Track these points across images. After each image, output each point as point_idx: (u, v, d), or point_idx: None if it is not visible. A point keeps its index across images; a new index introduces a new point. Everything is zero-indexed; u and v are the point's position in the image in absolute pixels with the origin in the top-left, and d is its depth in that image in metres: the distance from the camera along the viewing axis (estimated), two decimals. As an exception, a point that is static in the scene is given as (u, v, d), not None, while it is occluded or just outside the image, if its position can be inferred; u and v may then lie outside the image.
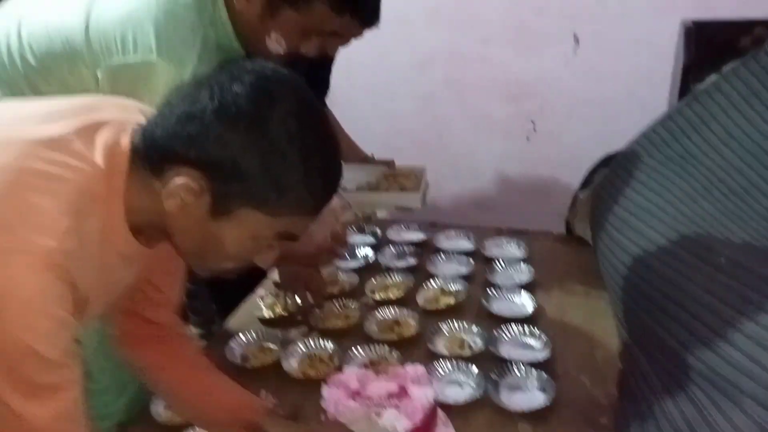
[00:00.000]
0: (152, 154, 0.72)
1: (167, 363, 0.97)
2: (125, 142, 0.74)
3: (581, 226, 1.69)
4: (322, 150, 0.75)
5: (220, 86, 0.70)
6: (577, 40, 1.93)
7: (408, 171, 1.74)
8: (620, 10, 1.86)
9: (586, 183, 1.65)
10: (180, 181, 0.70)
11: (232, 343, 1.35)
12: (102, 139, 0.73)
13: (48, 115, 0.74)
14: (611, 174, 1.52)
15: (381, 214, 1.79)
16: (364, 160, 1.79)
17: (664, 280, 1.12)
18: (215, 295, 1.88)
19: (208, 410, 0.98)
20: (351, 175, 1.68)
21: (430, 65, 2.08)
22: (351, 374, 1.10)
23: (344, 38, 1.24)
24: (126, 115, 0.79)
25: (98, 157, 0.71)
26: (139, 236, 0.77)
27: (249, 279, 1.62)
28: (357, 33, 1.27)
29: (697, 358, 0.95)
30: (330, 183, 0.78)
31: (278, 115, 0.70)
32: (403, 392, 1.05)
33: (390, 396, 1.05)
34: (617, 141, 1.55)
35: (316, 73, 1.66)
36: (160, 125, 0.72)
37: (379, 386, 1.07)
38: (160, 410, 1.18)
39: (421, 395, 1.04)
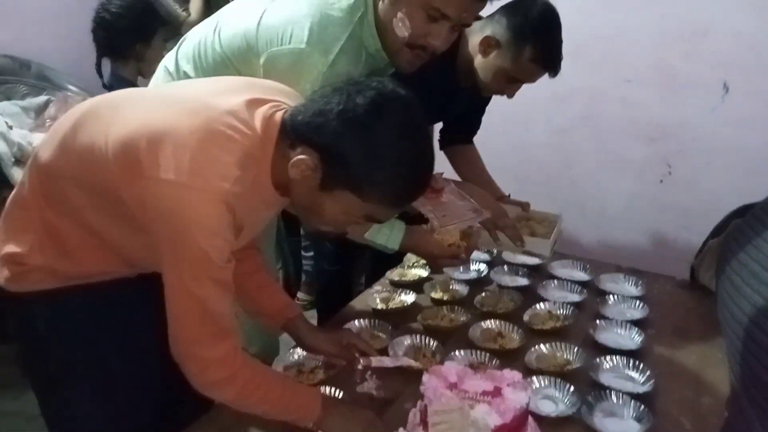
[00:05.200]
0: (292, 133, 0.95)
1: (243, 257, 1.16)
2: (278, 117, 0.97)
3: (707, 275, 1.64)
4: (413, 162, 0.95)
5: (348, 94, 0.92)
6: (726, 88, 1.89)
7: (542, 216, 1.74)
8: (777, 61, 1.80)
9: (718, 231, 1.61)
10: (302, 157, 0.92)
11: (349, 325, 1.48)
12: (261, 112, 0.96)
13: (224, 91, 0.99)
14: (745, 223, 1.47)
15: (508, 255, 1.80)
16: (500, 199, 1.77)
17: (783, 331, 1.09)
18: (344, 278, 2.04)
19: (260, 302, 1.25)
20: None
21: (569, 100, 2.12)
22: (451, 368, 1.18)
23: (521, 83, 1.49)
24: (282, 98, 1.02)
25: (258, 126, 0.94)
26: (277, 189, 1.00)
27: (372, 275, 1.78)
28: (534, 77, 1.49)
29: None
30: (412, 189, 0.98)
31: (384, 126, 0.91)
32: (497, 392, 1.11)
33: (485, 393, 1.11)
34: (756, 194, 1.47)
35: (470, 113, 1.78)
36: (302, 113, 0.94)
37: (476, 383, 1.13)
38: (280, 368, 1.34)
39: (515, 398, 1.09)
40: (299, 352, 1.35)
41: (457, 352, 1.37)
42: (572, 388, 1.24)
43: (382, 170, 0.92)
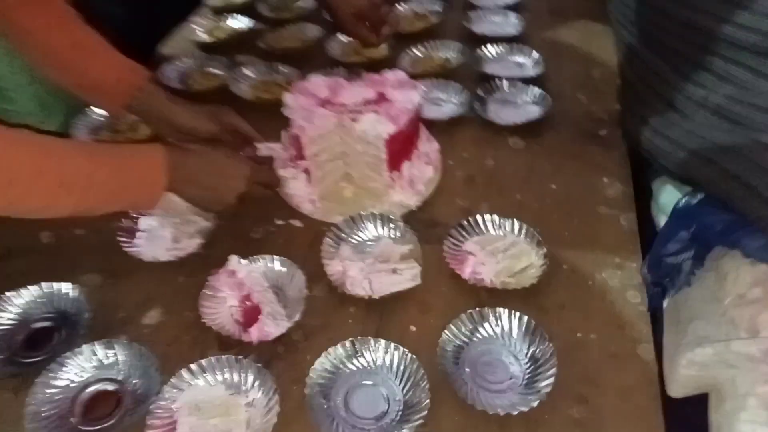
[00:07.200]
0: None
1: (49, 24, 0.80)
2: None
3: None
4: None
5: None
6: None
7: None
8: None
9: None
10: None
11: (168, 68, 1.12)
12: None
13: None
14: None
15: None
16: None
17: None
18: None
19: (91, 72, 0.83)
20: None
21: None
22: (319, 81, 0.91)
23: None
24: None
25: None
26: None
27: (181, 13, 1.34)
28: None
29: (733, 25, 0.81)
30: None
31: None
32: (382, 98, 0.88)
33: (367, 103, 0.88)
34: None
35: None
36: None
37: (354, 92, 0.89)
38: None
39: (405, 99, 0.87)
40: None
41: (317, 75, 1.10)
42: (459, 87, 1.05)
43: None
